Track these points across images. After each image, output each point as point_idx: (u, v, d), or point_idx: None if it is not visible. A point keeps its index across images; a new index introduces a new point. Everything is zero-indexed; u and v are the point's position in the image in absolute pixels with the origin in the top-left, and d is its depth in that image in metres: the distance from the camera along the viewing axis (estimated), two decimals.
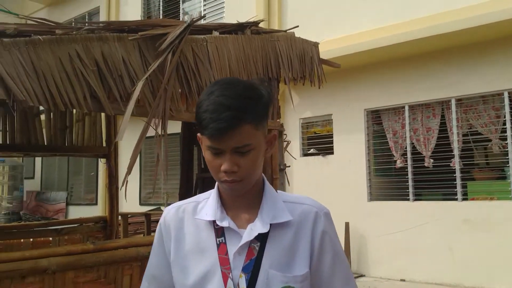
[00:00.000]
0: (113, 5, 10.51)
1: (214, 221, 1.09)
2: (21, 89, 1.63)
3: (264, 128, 1.07)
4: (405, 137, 6.00)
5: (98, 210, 10.55)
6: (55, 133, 3.39)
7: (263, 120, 1.06)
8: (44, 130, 3.35)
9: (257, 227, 1.07)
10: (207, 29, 2.49)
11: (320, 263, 1.12)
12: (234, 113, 0.99)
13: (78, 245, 2.08)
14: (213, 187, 1.17)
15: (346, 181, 6.47)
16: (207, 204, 1.13)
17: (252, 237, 1.06)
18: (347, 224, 6.17)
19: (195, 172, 3.53)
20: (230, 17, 7.88)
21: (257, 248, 1.06)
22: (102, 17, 10.61)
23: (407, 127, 5.99)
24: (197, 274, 1.07)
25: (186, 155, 3.53)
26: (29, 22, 2.09)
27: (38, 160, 12.25)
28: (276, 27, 6.73)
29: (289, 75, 2.86)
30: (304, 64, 3.00)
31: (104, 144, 3.74)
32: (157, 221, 5.31)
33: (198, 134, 1.06)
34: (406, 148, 5.99)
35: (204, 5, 8.84)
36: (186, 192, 3.44)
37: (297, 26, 2.99)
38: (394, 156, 6.20)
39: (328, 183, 6.62)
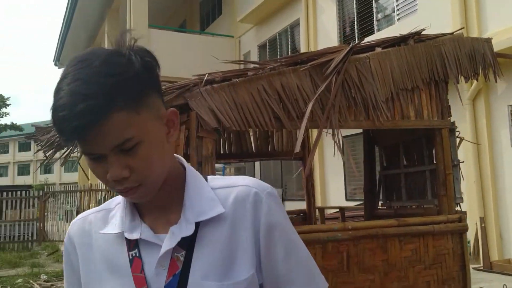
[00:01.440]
0: (311, 15, 11.40)
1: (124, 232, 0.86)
2: (226, 118, 2.37)
3: (150, 108, 0.78)
4: None
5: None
6: (260, 142, 4.24)
7: (144, 97, 0.77)
8: (252, 140, 4.23)
9: (181, 230, 0.83)
10: (370, 47, 2.89)
11: (270, 259, 0.86)
12: (93, 102, 0.71)
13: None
14: (398, 185, 1.08)
15: None
16: (117, 213, 0.90)
17: (173, 245, 0.82)
18: None
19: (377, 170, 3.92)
20: (423, 13, 7.81)
21: (181, 259, 0.82)
22: (302, 28, 11.64)
23: None
24: None
25: (368, 153, 3.93)
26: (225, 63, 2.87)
27: (257, 162, 14.16)
28: (473, 25, 6.50)
29: (457, 75, 3.01)
30: (475, 61, 3.08)
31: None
32: (354, 216, 5.81)
33: None
34: None
35: (397, 3, 8.92)
36: (370, 189, 3.85)
37: (463, 28, 3.09)
38: None
39: None
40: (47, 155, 2.64)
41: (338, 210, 6.40)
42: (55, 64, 20.98)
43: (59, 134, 0.75)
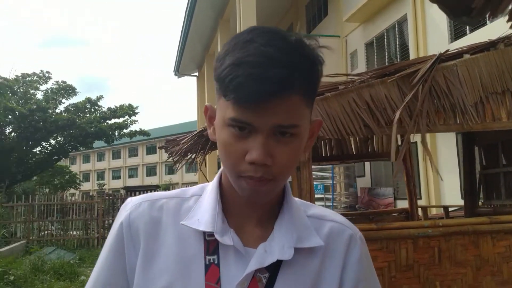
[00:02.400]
0: (419, 10, 11.16)
1: (204, 232, 0.79)
2: (320, 129, 2.77)
3: (311, 109, 0.76)
4: None
5: (421, 203, 11.39)
6: (360, 144, 4.53)
7: (315, 95, 0.76)
8: (352, 143, 4.54)
9: (274, 250, 0.77)
10: (458, 54, 3.05)
11: None
12: (287, 73, 0.67)
13: (365, 224, 3.08)
14: (498, 184, 1.02)
15: None
16: (199, 206, 0.82)
17: (265, 264, 0.76)
18: None
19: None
20: None
21: (264, 281, 0.76)
22: (410, 23, 11.44)
23: None
24: None
25: (467, 153, 4.01)
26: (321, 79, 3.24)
27: (367, 162, 14.15)
28: None
29: None
30: None
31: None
32: (459, 216, 5.76)
33: (207, 104, 0.81)
34: None
35: None
36: (470, 188, 3.93)
37: None
38: None
39: None
40: (175, 160, 3.27)
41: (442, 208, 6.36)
42: (175, 74, 23.03)
43: (230, 90, 0.68)
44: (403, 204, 12.37)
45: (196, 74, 23.49)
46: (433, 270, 2.86)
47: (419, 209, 4.99)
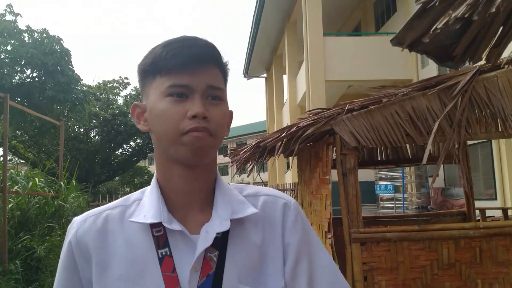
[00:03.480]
0: None
1: (152, 228, 0.84)
2: (364, 138, 3.09)
3: (226, 91, 0.89)
4: None
5: (497, 204, 11.01)
6: (416, 148, 4.75)
7: (227, 79, 0.90)
8: (408, 147, 4.77)
9: (213, 227, 0.84)
10: (499, 65, 3.23)
11: (298, 269, 0.87)
12: (213, 48, 0.86)
13: (408, 226, 3.35)
14: None
15: None
16: (142, 206, 0.87)
17: (210, 243, 0.82)
18: None
19: None
20: None
21: (214, 259, 0.82)
22: None
23: None
24: None
25: None
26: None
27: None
28: None
29: None
30: None
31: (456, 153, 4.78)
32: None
33: (135, 103, 0.90)
34: None
35: None
36: None
37: None
38: None
39: None
40: (237, 167, 3.74)
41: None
42: (244, 76, 23.79)
43: (165, 62, 0.81)
44: (478, 204, 12.01)
45: (265, 75, 24.08)
46: (475, 268, 3.08)
47: (477, 211, 5.07)
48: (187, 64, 0.81)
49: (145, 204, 0.87)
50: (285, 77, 19.49)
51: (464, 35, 1.32)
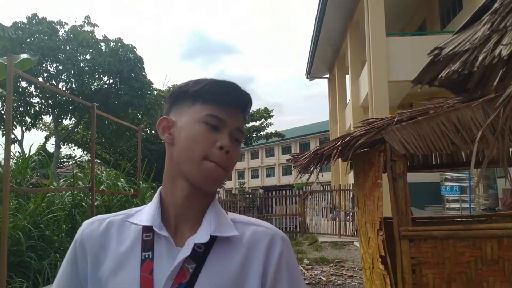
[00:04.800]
0: None
1: (143, 232, 0.94)
2: (412, 146, 3.48)
3: None
4: None
5: None
6: (470, 152, 5.01)
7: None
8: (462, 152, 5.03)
9: (194, 240, 0.91)
10: None
11: None
12: (248, 94, 0.98)
13: (454, 226, 3.68)
14: None
15: None
16: (141, 213, 0.98)
17: (188, 253, 0.89)
18: None
19: None
20: None
21: (190, 270, 0.88)
22: None
23: None
24: None
25: None
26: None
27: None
28: None
29: None
30: None
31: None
32: None
33: (163, 117, 0.99)
34: None
35: None
36: None
37: None
38: None
39: None
40: (298, 171, 4.23)
41: None
42: (307, 77, 24.17)
43: (211, 94, 0.93)
44: None
45: (327, 76, 24.32)
46: None
47: None
48: (229, 102, 0.94)
49: (143, 212, 0.98)
50: (347, 78, 19.66)
51: (473, 75, 1.67)
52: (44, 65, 18.70)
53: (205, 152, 0.90)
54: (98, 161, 23.18)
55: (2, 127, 18.73)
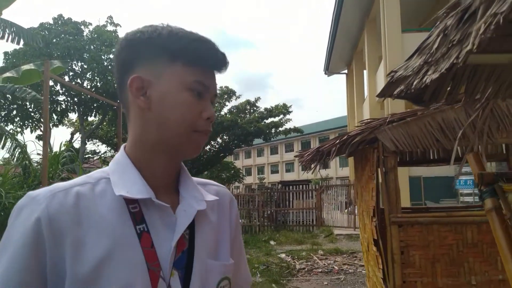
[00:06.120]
0: None
1: (128, 204, 0.85)
2: (401, 144, 4.00)
3: None
4: None
5: None
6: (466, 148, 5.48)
7: None
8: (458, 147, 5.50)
9: (191, 206, 0.92)
10: None
11: (234, 249, 1.03)
12: (224, 53, 0.92)
13: (436, 213, 4.19)
14: None
15: None
16: (116, 183, 0.87)
17: (191, 220, 0.90)
18: None
19: None
20: None
21: (187, 237, 0.90)
22: None
23: None
24: (119, 285, 0.79)
25: None
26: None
27: None
28: None
29: None
30: None
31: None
32: None
33: (135, 76, 0.88)
34: None
35: None
36: None
37: None
38: None
39: None
40: (303, 166, 4.79)
41: None
42: (325, 73, 24.58)
43: (198, 58, 0.88)
44: None
45: (345, 71, 24.67)
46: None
47: None
48: (215, 67, 0.92)
49: (119, 182, 0.87)
50: (365, 73, 20.02)
51: (427, 88, 2.13)
52: (69, 64, 19.59)
53: (195, 124, 0.89)
54: None
55: (30, 124, 19.79)
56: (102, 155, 26.38)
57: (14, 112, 19.30)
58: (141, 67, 0.89)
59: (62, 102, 20.67)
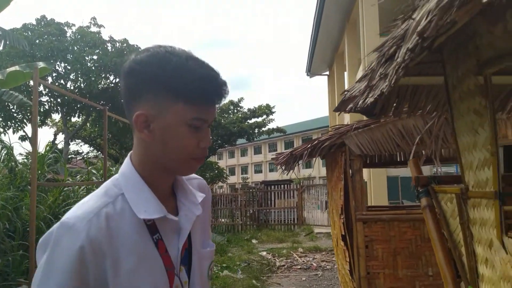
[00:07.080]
0: None
1: (144, 221, 0.97)
2: (365, 148, 4.42)
3: None
4: None
5: None
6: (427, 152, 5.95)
7: None
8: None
9: (191, 211, 1.06)
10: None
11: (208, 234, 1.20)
12: (226, 84, 0.97)
13: (398, 211, 4.64)
14: None
15: None
16: (135, 201, 0.98)
17: (192, 224, 1.05)
18: None
19: None
20: None
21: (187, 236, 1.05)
22: None
23: None
24: None
25: None
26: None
27: None
28: None
29: None
30: None
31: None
32: None
33: (140, 113, 0.96)
34: None
35: None
36: None
37: None
38: None
39: None
40: (278, 168, 5.20)
41: None
42: (307, 74, 25.07)
43: (197, 97, 0.93)
44: None
45: (327, 73, 25.19)
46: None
47: None
48: (216, 102, 0.98)
49: (138, 202, 0.98)
50: (346, 75, 20.52)
51: (377, 103, 2.55)
52: (53, 65, 19.69)
53: (192, 153, 0.98)
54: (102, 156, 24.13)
55: (13, 125, 19.84)
56: (85, 156, 26.45)
57: None
58: (145, 101, 0.96)
59: (45, 103, 20.76)
